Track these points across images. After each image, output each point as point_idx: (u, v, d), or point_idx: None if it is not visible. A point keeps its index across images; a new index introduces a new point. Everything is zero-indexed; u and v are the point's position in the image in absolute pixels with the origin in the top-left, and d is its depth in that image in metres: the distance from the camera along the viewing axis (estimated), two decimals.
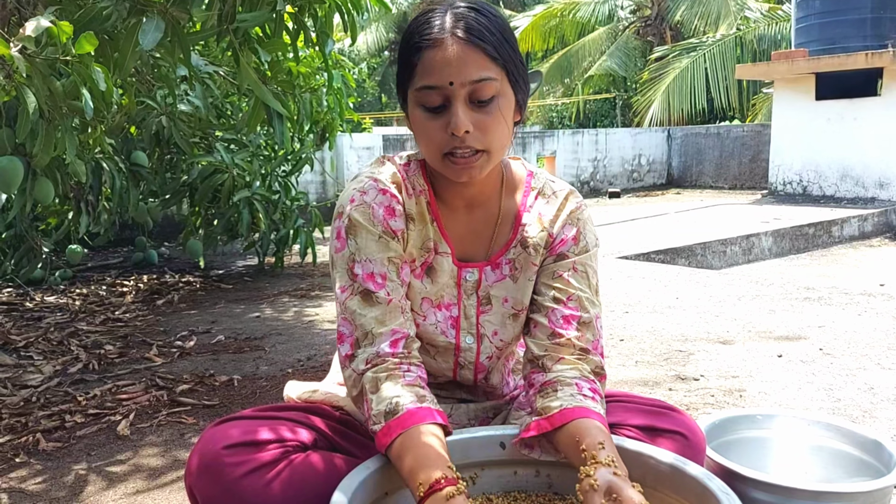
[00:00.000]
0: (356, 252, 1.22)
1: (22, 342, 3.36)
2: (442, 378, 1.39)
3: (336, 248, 1.25)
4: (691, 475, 1.10)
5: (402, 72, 1.21)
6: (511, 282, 1.33)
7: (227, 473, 1.11)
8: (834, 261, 6.52)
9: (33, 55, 1.80)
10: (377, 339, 1.18)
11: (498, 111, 1.17)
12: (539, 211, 1.33)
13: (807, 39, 9.48)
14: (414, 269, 1.30)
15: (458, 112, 1.14)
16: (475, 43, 1.14)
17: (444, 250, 1.31)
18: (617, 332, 3.32)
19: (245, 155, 4.50)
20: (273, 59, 2.79)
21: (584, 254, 1.32)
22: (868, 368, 2.72)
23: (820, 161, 9.49)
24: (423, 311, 1.31)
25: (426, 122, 1.18)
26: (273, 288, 4.64)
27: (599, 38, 17.88)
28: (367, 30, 21.04)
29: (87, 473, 2.03)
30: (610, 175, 12.54)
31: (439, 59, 1.14)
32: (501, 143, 1.21)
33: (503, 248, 1.33)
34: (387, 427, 1.10)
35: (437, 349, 1.34)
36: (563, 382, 1.20)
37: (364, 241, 1.22)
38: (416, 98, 1.19)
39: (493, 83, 1.16)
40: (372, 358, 1.17)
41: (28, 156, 2.80)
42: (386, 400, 1.12)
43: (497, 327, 1.35)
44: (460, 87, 1.14)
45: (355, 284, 1.21)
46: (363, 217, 1.23)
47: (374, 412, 1.12)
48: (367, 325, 1.19)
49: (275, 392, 2.64)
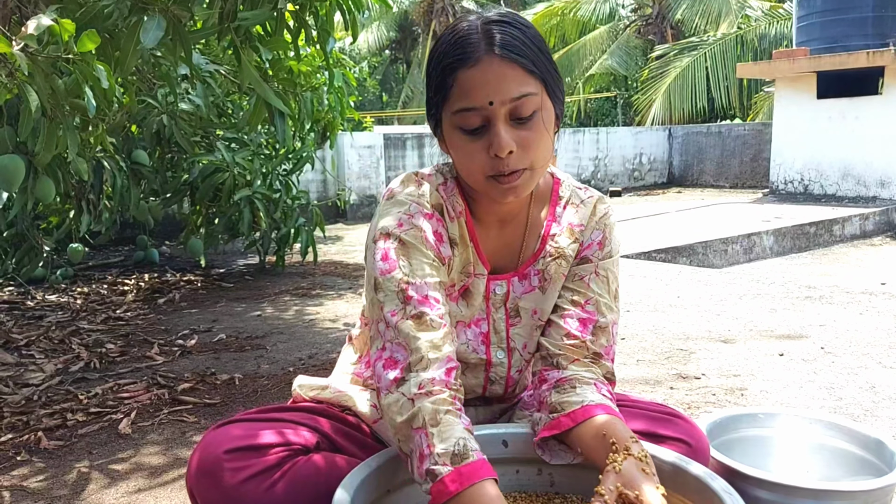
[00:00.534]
0: (410, 274, 1.14)
1: (23, 341, 3.36)
2: (470, 395, 1.36)
3: (383, 269, 1.15)
4: (694, 474, 1.10)
5: (436, 93, 1.16)
6: (540, 293, 1.30)
7: (227, 479, 1.10)
8: (835, 260, 6.52)
9: (35, 53, 1.80)
10: (432, 365, 1.08)
11: (539, 125, 1.13)
12: (569, 221, 1.31)
13: (808, 38, 9.48)
14: (451, 293, 1.27)
15: (501, 132, 1.10)
16: (512, 59, 1.09)
17: (480, 272, 1.27)
18: (618, 331, 3.32)
19: (246, 154, 4.50)
20: (274, 58, 2.80)
21: (608, 259, 1.30)
22: (869, 367, 2.72)
23: (821, 160, 9.49)
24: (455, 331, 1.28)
25: (466, 146, 1.13)
26: (274, 287, 4.64)
27: (600, 37, 17.88)
28: (369, 28, 21.02)
29: (89, 472, 2.03)
30: (611, 174, 12.54)
31: (477, 79, 1.09)
32: (545, 158, 1.17)
33: (531, 258, 1.30)
34: (457, 472, 0.98)
35: (467, 366, 1.31)
36: (581, 381, 1.19)
37: (419, 264, 1.15)
38: (454, 121, 1.13)
39: (534, 98, 1.11)
40: (426, 384, 1.06)
41: (30, 154, 2.80)
42: (452, 438, 1.01)
43: (526, 340, 1.32)
44: (500, 105, 1.09)
45: (408, 307, 1.12)
46: (416, 240, 1.17)
47: (437, 450, 1.00)
48: (422, 349, 1.09)
49: (276, 391, 2.64)
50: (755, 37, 15.24)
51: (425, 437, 1.02)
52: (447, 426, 1.03)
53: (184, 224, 5.13)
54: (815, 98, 9.39)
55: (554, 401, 1.18)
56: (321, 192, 8.49)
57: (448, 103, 1.13)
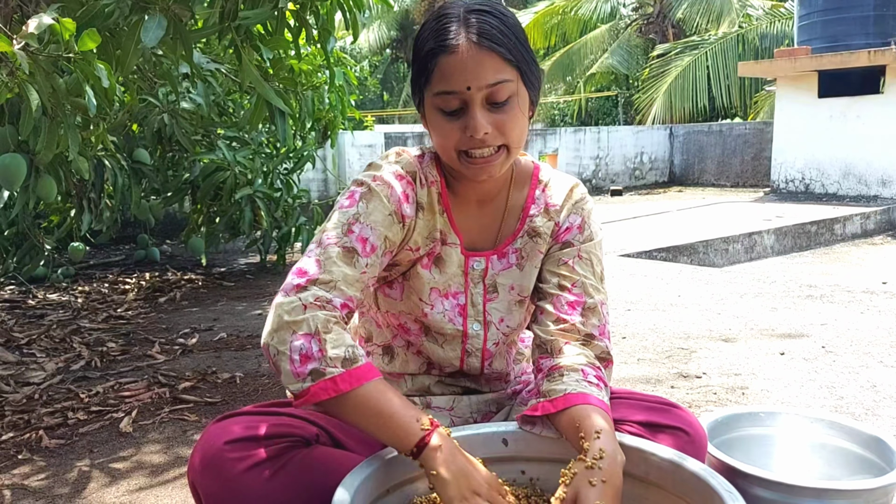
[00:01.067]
0: (362, 214, 1.22)
1: (24, 339, 3.37)
2: (449, 368, 1.40)
3: (343, 205, 1.24)
4: (693, 472, 1.10)
5: (418, 76, 1.22)
6: (517, 270, 1.36)
7: (228, 469, 1.11)
8: (836, 259, 6.52)
9: (36, 52, 1.80)
10: (334, 292, 1.15)
11: (514, 110, 1.19)
12: (546, 202, 1.36)
13: (809, 37, 9.48)
14: (419, 258, 1.32)
15: (476, 115, 1.16)
16: (490, 47, 1.16)
17: (452, 241, 1.33)
18: (619, 330, 3.32)
19: (247, 152, 4.50)
20: (275, 57, 2.80)
21: (589, 242, 1.34)
22: (870, 366, 2.72)
23: (822, 159, 9.48)
24: (430, 301, 1.33)
25: (444, 125, 1.20)
26: (275, 285, 4.64)
27: (601, 36, 17.87)
28: (369, 27, 21.03)
29: (90, 470, 2.03)
30: (612, 173, 12.54)
31: (455, 65, 1.16)
32: (519, 139, 1.23)
33: (510, 237, 1.36)
34: (348, 374, 1.07)
35: (444, 337, 1.36)
36: (569, 368, 1.22)
37: (374, 209, 1.23)
38: (434, 102, 1.20)
39: (509, 84, 1.17)
40: (323, 300, 1.13)
41: (31, 153, 2.80)
42: (343, 346, 1.08)
43: (503, 314, 1.37)
44: (477, 91, 1.16)
45: (345, 239, 1.20)
46: (382, 191, 1.24)
47: (329, 354, 1.07)
48: (334, 275, 1.16)
49: (277, 389, 2.64)
50: (756, 36, 15.23)
51: (317, 342, 1.08)
52: (338, 335, 1.09)
53: (185, 223, 5.14)
54: (816, 97, 9.38)
55: (543, 389, 1.22)
56: (322, 190, 8.49)
57: (430, 86, 1.20)
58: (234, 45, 2.39)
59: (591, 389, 1.18)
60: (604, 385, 1.22)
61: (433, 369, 1.42)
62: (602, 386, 1.21)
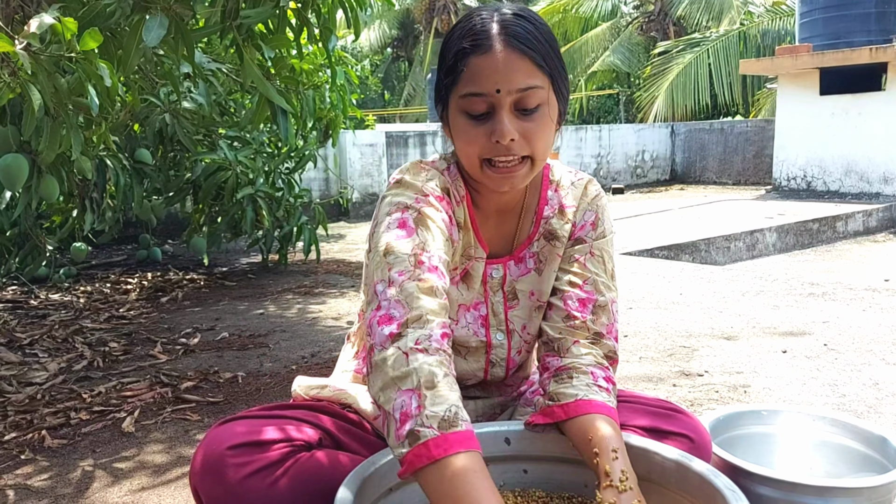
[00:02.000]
0: (426, 243, 1.14)
1: (27, 340, 3.37)
2: (471, 381, 1.38)
3: (400, 235, 1.15)
4: (697, 472, 1.10)
5: (446, 77, 1.19)
6: (536, 275, 1.34)
7: (230, 474, 1.10)
8: (838, 256, 6.51)
9: (38, 52, 1.80)
10: (429, 325, 1.05)
11: (543, 119, 1.16)
12: (561, 202, 1.34)
13: (811, 34, 9.46)
14: (454, 276, 1.30)
15: (504, 120, 1.13)
16: (523, 51, 1.13)
17: (479, 255, 1.31)
18: (621, 329, 3.32)
19: (248, 152, 4.50)
20: (276, 56, 2.79)
21: (602, 239, 1.32)
22: (873, 364, 2.72)
23: (824, 156, 9.47)
24: (455, 317, 1.32)
25: (469, 130, 1.16)
26: (277, 285, 4.65)
27: (602, 34, 17.86)
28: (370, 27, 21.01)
29: (93, 470, 2.03)
30: (613, 171, 12.53)
31: (486, 66, 1.13)
32: (545, 151, 1.19)
33: (526, 241, 1.34)
34: (443, 438, 0.94)
35: (468, 350, 1.34)
36: (578, 370, 1.21)
37: (435, 237, 1.16)
38: (460, 105, 1.16)
39: (540, 91, 1.14)
40: (423, 340, 1.03)
41: (33, 153, 2.81)
42: (445, 405, 0.97)
43: (525, 321, 1.35)
44: (507, 94, 1.13)
45: (417, 271, 1.11)
46: (434, 217, 1.18)
47: (427, 412, 0.96)
48: (423, 310, 1.06)
49: (279, 389, 2.64)
50: (758, 33, 15.22)
51: (417, 398, 0.97)
52: (442, 391, 0.98)
53: (186, 223, 5.14)
54: (818, 94, 9.37)
55: (551, 390, 1.20)
56: (323, 190, 8.49)
57: (457, 87, 1.16)
58: (236, 45, 2.39)
59: (601, 395, 1.17)
60: (612, 386, 1.22)
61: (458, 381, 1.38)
62: (611, 389, 1.21)
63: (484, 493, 0.90)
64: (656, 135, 13.13)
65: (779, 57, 9.43)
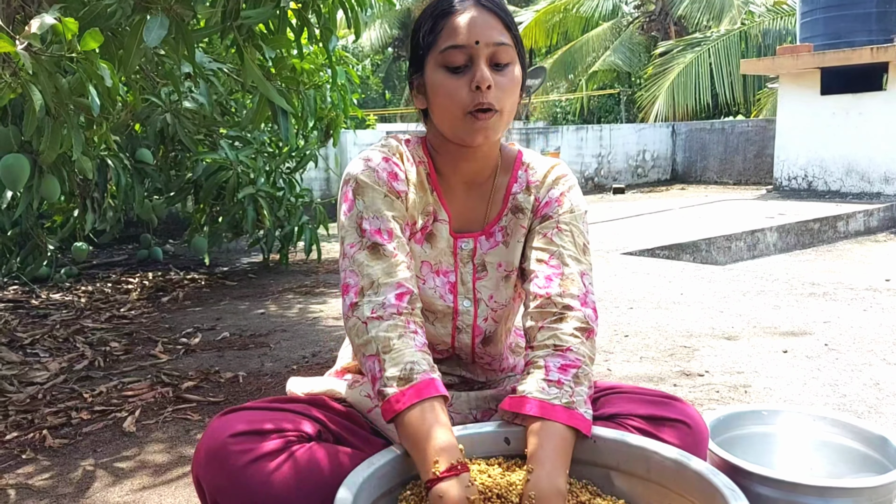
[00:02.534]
0: (364, 210, 1.27)
1: (28, 339, 3.38)
2: (441, 346, 1.42)
3: (344, 211, 1.30)
4: (695, 471, 1.10)
5: (424, 41, 1.28)
6: (504, 247, 1.39)
7: (233, 461, 1.12)
8: (839, 256, 6.51)
9: (39, 52, 1.80)
10: (382, 289, 1.21)
11: (513, 76, 1.26)
12: (527, 179, 1.41)
13: (812, 34, 9.46)
14: (415, 232, 1.36)
15: (483, 68, 1.23)
16: (495, 11, 1.25)
17: (442, 217, 1.37)
18: (621, 329, 3.32)
19: (249, 152, 4.50)
20: (277, 56, 2.80)
21: (568, 214, 1.37)
22: (874, 364, 2.72)
23: (825, 156, 9.47)
24: (422, 275, 1.37)
25: (449, 82, 1.25)
26: (278, 285, 4.65)
27: (603, 34, 17.84)
28: (371, 27, 21.02)
29: (94, 470, 2.04)
30: (614, 171, 12.53)
31: (465, 22, 1.24)
32: (513, 107, 1.29)
33: (496, 217, 1.40)
34: (400, 394, 1.11)
35: (435, 315, 1.39)
36: (534, 364, 1.23)
37: (371, 199, 1.28)
38: (440, 60, 1.26)
39: (510, 50, 1.26)
40: (377, 308, 1.19)
41: (34, 153, 2.81)
42: (401, 364, 1.13)
43: (492, 291, 1.40)
44: (485, 46, 1.23)
45: (364, 239, 1.25)
46: (369, 178, 1.29)
47: (387, 374, 1.13)
48: (373, 275, 1.22)
49: (279, 388, 2.65)
50: (759, 33, 15.21)
51: (378, 363, 1.15)
52: (397, 352, 1.14)
53: (187, 222, 5.14)
54: (818, 94, 9.37)
55: (516, 386, 1.24)
56: (324, 190, 8.50)
57: (436, 45, 1.26)
58: (237, 45, 2.39)
59: (546, 394, 1.17)
60: (573, 371, 1.21)
61: None
62: (565, 381, 1.19)
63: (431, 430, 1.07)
64: (657, 134, 13.12)
65: (780, 57, 9.43)
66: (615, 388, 1.35)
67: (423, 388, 1.11)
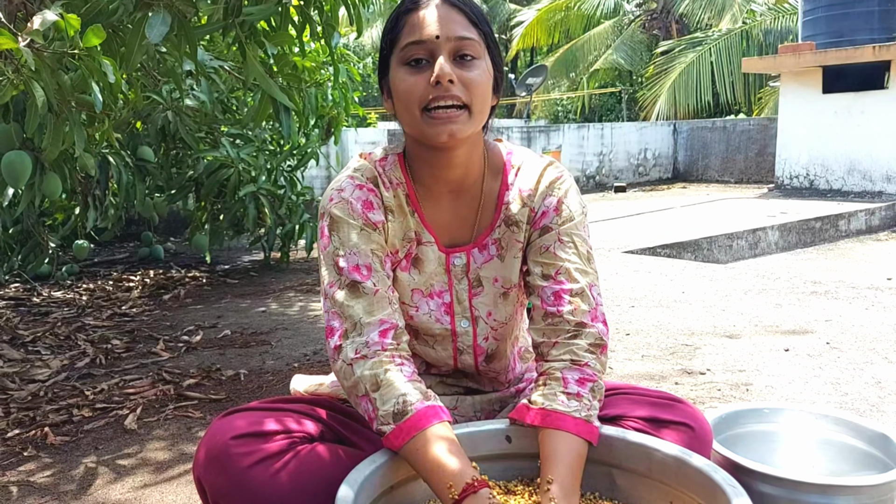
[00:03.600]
0: (339, 247, 1.23)
1: (29, 337, 3.38)
2: (444, 367, 1.39)
3: (322, 246, 1.26)
4: (697, 467, 1.10)
5: (387, 43, 1.23)
6: (499, 261, 1.33)
7: (234, 464, 1.11)
8: (841, 255, 6.50)
9: (41, 49, 1.80)
10: (365, 329, 1.17)
11: (481, 71, 1.20)
12: (519, 187, 1.32)
13: (814, 32, 9.45)
14: (398, 261, 1.30)
15: (442, 62, 1.16)
16: (459, 7, 1.20)
17: (427, 240, 1.31)
18: (623, 327, 3.32)
19: (251, 150, 4.50)
20: (279, 53, 2.79)
21: (569, 223, 1.29)
22: (875, 362, 2.72)
23: (827, 155, 9.46)
24: (414, 303, 1.32)
25: (409, 78, 1.19)
26: (279, 283, 4.65)
27: (605, 32, 17.83)
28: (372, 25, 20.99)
29: (95, 467, 2.04)
30: (615, 169, 12.52)
31: (425, 17, 1.18)
32: (482, 103, 1.21)
33: (488, 228, 1.32)
34: (398, 430, 1.09)
35: (434, 338, 1.34)
36: (551, 376, 1.21)
37: (346, 235, 1.24)
38: (401, 57, 1.20)
39: (476, 45, 1.20)
40: (361, 348, 1.16)
41: (36, 150, 2.81)
42: (392, 399, 1.11)
43: (490, 308, 1.34)
44: (446, 41, 1.17)
45: (342, 278, 1.22)
46: (342, 212, 1.24)
47: (381, 412, 1.11)
48: (355, 316, 1.19)
49: (281, 386, 2.65)
50: (760, 31, 15.20)
51: (370, 402, 1.13)
52: (387, 387, 1.12)
53: (189, 220, 5.14)
54: (820, 93, 9.36)
55: (530, 396, 1.22)
56: (325, 188, 8.50)
57: (398, 43, 1.21)
58: (239, 42, 2.39)
59: (567, 405, 1.16)
60: (590, 384, 1.20)
61: (432, 369, 1.40)
62: (584, 393, 1.19)
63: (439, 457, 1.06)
64: (659, 133, 13.11)
65: (781, 55, 9.41)
66: (618, 389, 1.34)
67: (419, 419, 1.09)
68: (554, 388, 1.18)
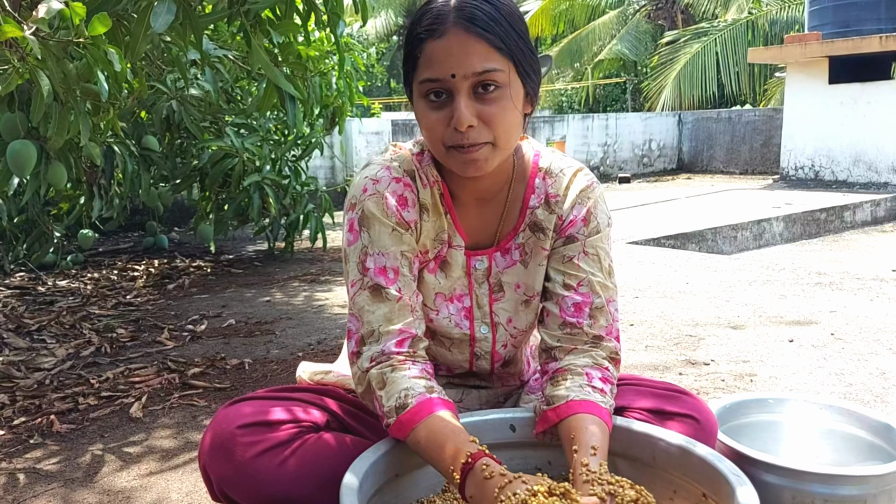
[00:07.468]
0: (369, 245, 1.19)
1: (35, 326, 3.39)
2: (458, 370, 1.38)
3: (349, 240, 1.22)
4: (701, 457, 1.10)
5: (407, 63, 1.17)
6: (522, 267, 1.30)
7: (240, 453, 1.12)
8: (846, 246, 6.49)
9: (46, 38, 1.80)
10: (383, 338, 1.16)
11: (504, 102, 1.12)
12: (546, 191, 1.28)
13: (820, 22, 9.39)
14: (426, 261, 1.27)
15: (461, 106, 1.09)
16: (479, 34, 1.09)
17: (457, 243, 1.28)
18: (627, 318, 3.32)
19: (255, 139, 4.50)
20: (284, 42, 2.79)
21: (595, 235, 1.27)
22: (880, 353, 2.72)
23: (832, 145, 9.42)
24: (436, 306, 1.29)
25: (429, 115, 1.14)
26: (283, 272, 4.65)
27: (610, 22, 17.76)
28: (376, 14, 20.95)
29: (102, 455, 2.05)
30: (620, 160, 12.48)
31: (441, 51, 1.10)
32: (509, 134, 1.15)
33: (511, 232, 1.29)
34: (398, 423, 1.09)
35: (452, 341, 1.33)
36: (573, 371, 1.20)
37: (377, 234, 1.19)
38: (420, 91, 1.14)
39: (499, 74, 1.10)
40: (376, 356, 1.15)
41: (42, 139, 2.81)
42: (395, 395, 1.11)
43: (511, 314, 1.32)
44: (462, 79, 1.09)
45: (365, 279, 1.18)
46: (377, 208, 1.19)
47: (385, 409, 1.12)
48: (374, 323, 1.17)
49: (286, 375, 2.66)
50: (766, 22, 15.12)
51: (377, 402, 1.14)
52: (391, 384, 1.13)
53: (193, 210, 5.15)
54: (826, 83, 9.31)
55: (547, 393, 1.20)
56: (330, 178, 8.49)
57: (416, 73, 1.15)
58: (244, 30, 2.39)
59: (593, 396, 1.16)
60: (609, 386, 1.20)
61: (440, 370, 1.39)
62: (607, 389, 1.19)
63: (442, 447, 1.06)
64: (663, 124, 13.06)
65: (787, 45, 9.36)
66: (624, 379, 1.34)
67: (419, 411, 1.09)
68: (579, 382, 1.18)
